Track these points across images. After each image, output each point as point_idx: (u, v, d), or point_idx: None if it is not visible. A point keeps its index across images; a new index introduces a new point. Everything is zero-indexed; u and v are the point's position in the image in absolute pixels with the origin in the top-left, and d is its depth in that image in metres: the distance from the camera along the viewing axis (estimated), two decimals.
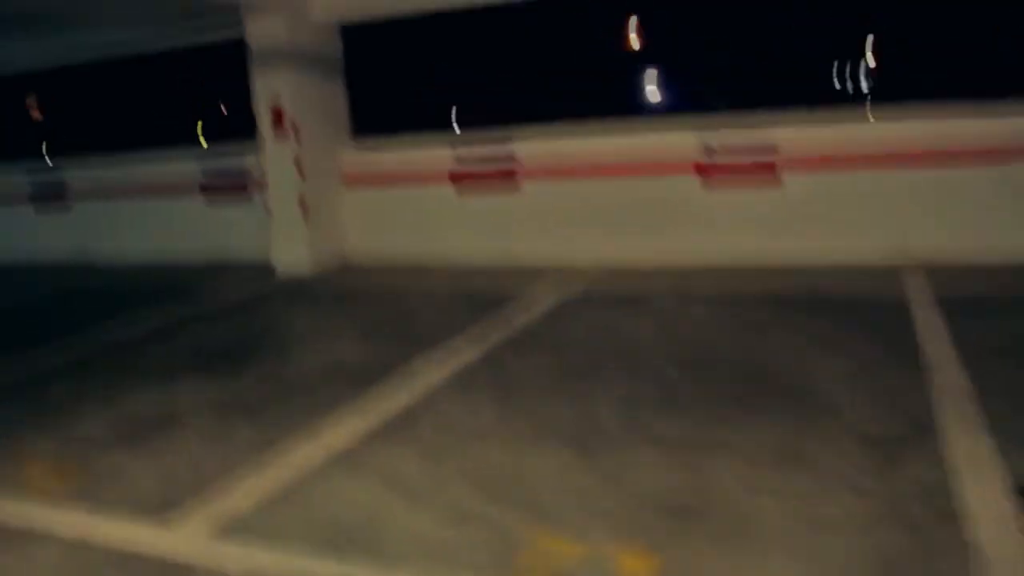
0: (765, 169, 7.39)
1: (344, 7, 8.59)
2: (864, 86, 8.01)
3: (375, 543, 3.08)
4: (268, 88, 8.50)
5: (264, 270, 8.96)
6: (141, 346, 6.41)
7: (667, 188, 7.74)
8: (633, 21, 8.72)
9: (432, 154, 8.73)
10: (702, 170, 7.59)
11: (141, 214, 10.21)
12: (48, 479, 3.94)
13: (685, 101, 8.70)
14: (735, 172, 7.48)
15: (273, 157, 8.63)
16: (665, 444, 3.78)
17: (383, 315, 6.88)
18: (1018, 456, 3.39)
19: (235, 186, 9.57)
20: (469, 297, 7.24)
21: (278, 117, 8.44)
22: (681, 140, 7.68)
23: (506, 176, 8.34)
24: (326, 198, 8.88)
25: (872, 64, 7.99)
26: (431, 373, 5.08)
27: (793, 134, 7.35)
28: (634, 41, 8.73)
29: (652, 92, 9.10)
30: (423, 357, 5.40)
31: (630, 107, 8.85)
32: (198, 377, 5.37)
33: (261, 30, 8.37)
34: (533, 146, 8.27)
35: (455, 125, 9.42)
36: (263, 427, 4.40)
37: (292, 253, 8.72)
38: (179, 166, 9.97)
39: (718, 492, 3.28)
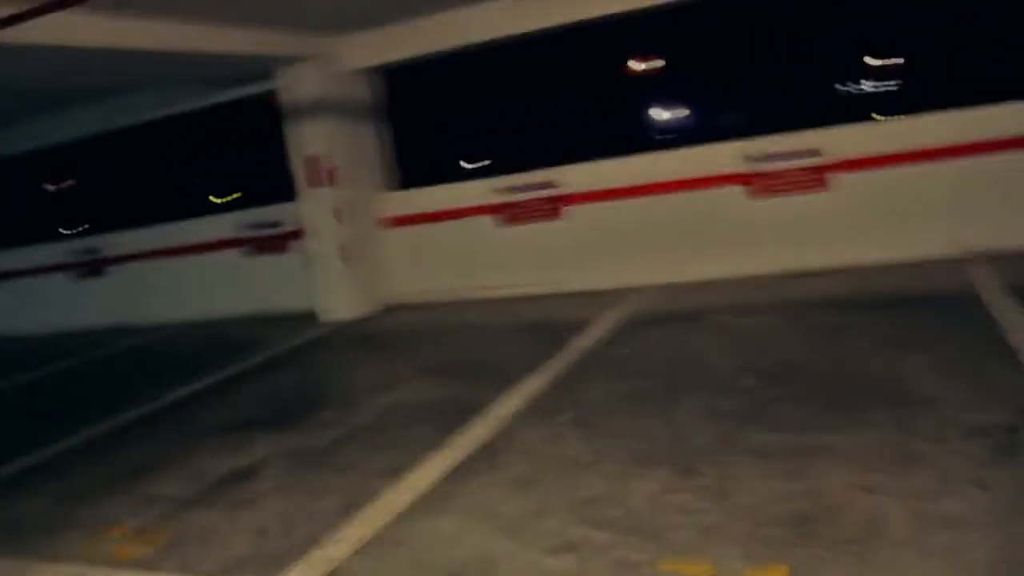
0: (811, 173, 7.31)
1: (370, 53, 8.64)
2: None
3: None
4: (302, 138, 8.55)
5: (309, 319, 8.95)
6: (206, 402, 6.39)
7: (713, 201, 7.67)
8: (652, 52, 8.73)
9: (471, 187, 8.74)
10: (747, 179, 7.52)
11: (181, 273, 10.28)
12: (138, 544, 3.88)
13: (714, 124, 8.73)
14: (781, 179, 7.41)
15: (312, 206, 8.67)
16: (766, 455, 3.69)
17: (443, 353, 6.83)
18: None
19: (272, 237, 9.62)
20: (525, 327, 7.19)
21: (314, 166, 8.48)
22: (723, 152, 7.63)
23: (548, 203, 8.32)
24: (367, 242, 8.90)
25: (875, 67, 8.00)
26: (507, 406, 5.00)
27: (834, 136, 7.27)
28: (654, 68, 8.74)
29: (681, 116, 9.13)
30: (495, 391, 5.31)
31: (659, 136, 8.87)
32: (269, 429, 5.33)
33: (292, 81, 8.45)
34: (573, 170, 8.25)
35: (492, 161, 9.45)
36: (345, 474, 4.33)
37: (337, 299, 8.74)
38: (216, 223, 10.05)
39: (833, 498, 3.18)
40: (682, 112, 9.95)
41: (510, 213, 8.50)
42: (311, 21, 7.81)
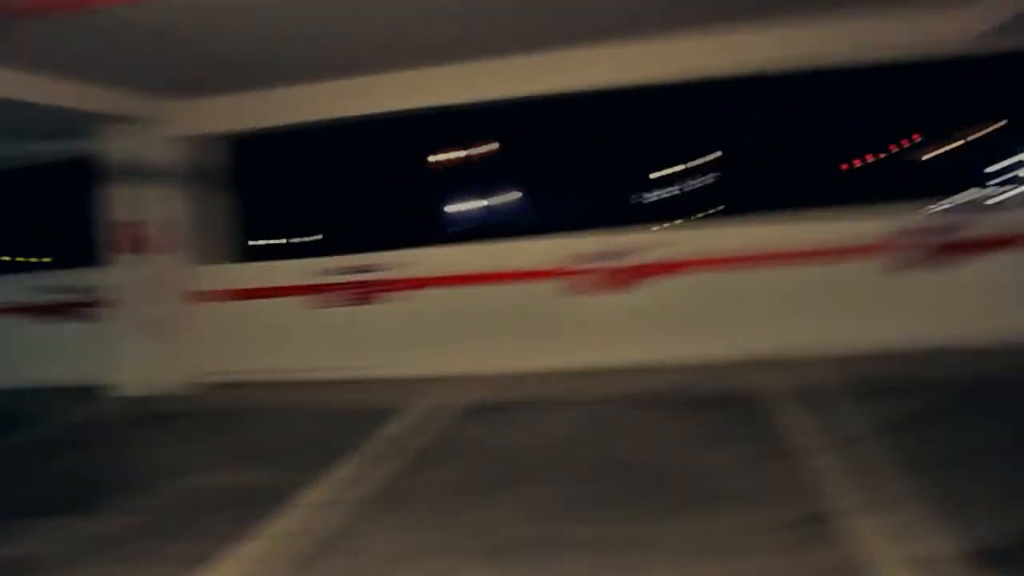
0: (623, 274, 7.72)
1: (200, 122, 8.40)
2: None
3: None
4: (119, 201, 8.16)
5: (101, 392, 8.39)
6: None
7: (527, 295, 7.89)
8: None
9: (292, 267, 8.58)
10: (566, 275, 7.83)
11: None
12: None
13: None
14: (593, 277, 7.77)
15: (126, 273, 8.21)
16: (588, 548, 3.77)
17: (251, 436, 6.54)
18: (923, 530, 3.61)
19: (69, 304, 9.00)
20: (338, 412, 7.03)
21: (129, 231, 8.08)
22: (546, 248, 7.93)
23: (365, 287, 8.29)
24: (179, 316, 8.48)
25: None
26: (316, 494, 4.83)
27: (649, 241, 7.76)
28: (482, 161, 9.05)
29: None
30: (303, 477, 5.11)
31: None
32: (59, 512, 4.86)
33: (117, 142, 8.07)
34: (397, 257, 8.29)
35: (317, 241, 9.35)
36: (140, 565, 4.04)
37: (141, 372, 8.23)
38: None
39: None
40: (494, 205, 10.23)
41: (329, 295, 8.39)
42: (143, 83, 7.51)
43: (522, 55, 7.41)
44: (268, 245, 10.15)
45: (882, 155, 13.76)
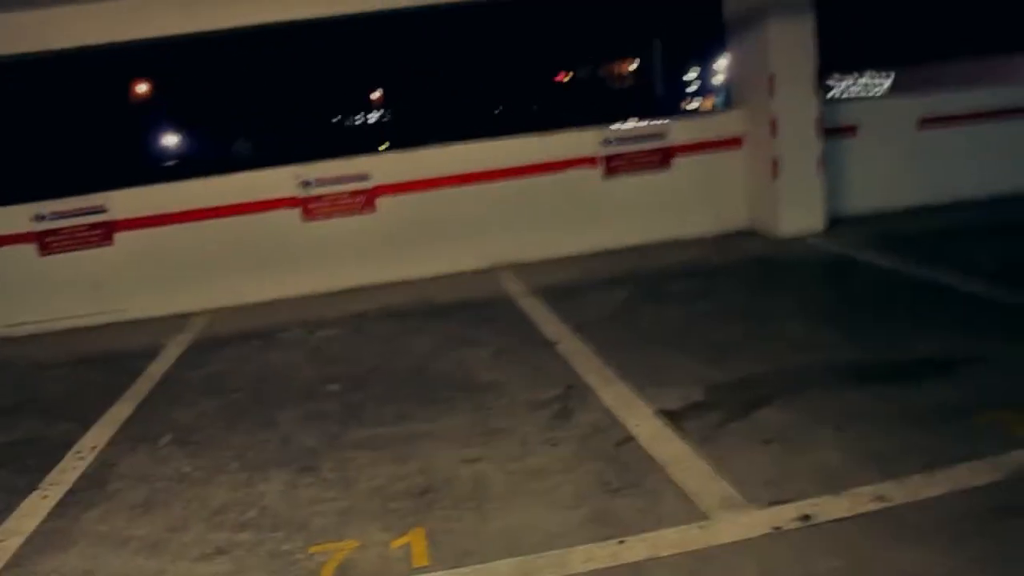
0: (360, 196, 8.01)
1: None
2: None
3: None
4: None
5: None
6: None
7: (269, 224, 7.97)
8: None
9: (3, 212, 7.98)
10: (300, 203, 7.97)
11: None
12: None
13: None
14: (333, 202, 7.99)
15: None
16: (373, 447, 4.16)
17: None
18: (652, 392, 4.35)
19: None
20: (92, 358, 6.76)
21: None
22: (278, 177, 7.99)
23: (96, 228, 7.91)
24: None
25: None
26: (98, 437, 4.82)
27: (382, 162, 8.07)
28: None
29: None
30: (78, 425, 5.05)
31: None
32: None
33: None
34: (123, 195, 7.96)
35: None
36: None
37: None
38: None
39: (442, 472, 3.77)
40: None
41: (52, 241, 7.91)
42: None
43: None
44: None
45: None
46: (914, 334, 4.90)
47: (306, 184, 7.94)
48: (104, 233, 7.96)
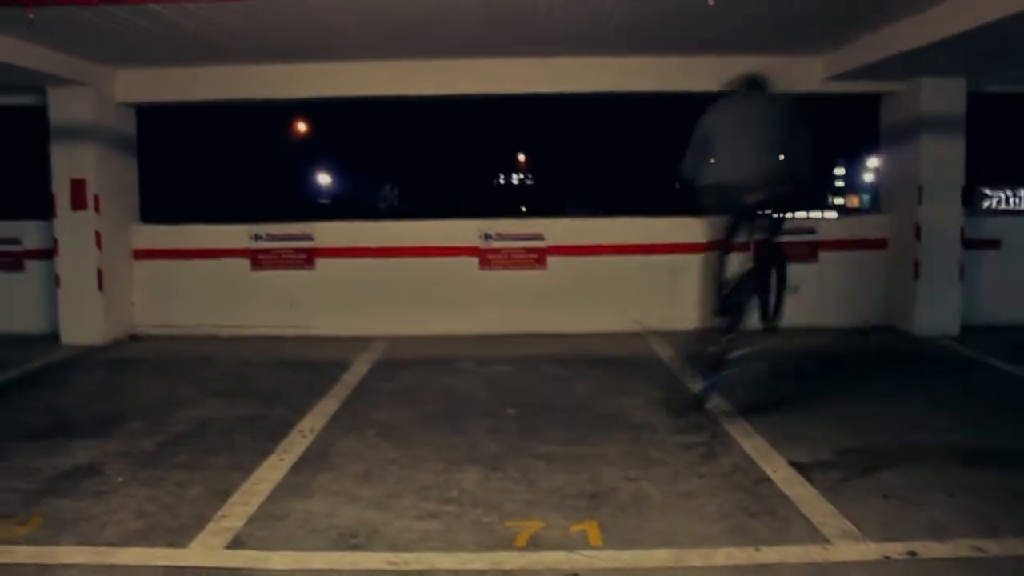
0: (533, 253, 9.07)
1: (144, 90, 9.06)
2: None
3: (376, 540, 3.96)
4: (70, 159, 8.73)
5: (47, 340, 8.95)
6: None
7: (449, 268, 9.11)
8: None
9: (225, 230, 9.39)
10: (480, 253, 9.09)
11: None
12: (11, 527, 4.16)
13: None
14: (509, 256, 9.08)
15: (69, 227, 8.79)
16: (548, 459, 5.05)
17: (217, 379, 7.34)
18: (785, 447, 5.10)
19: (9, 255, 9.48)
20: (289, 362, 7.96)
21: (80, 189, 8.66)
22: (462, 228, 9.16)
23: (301, 253, 9.23)
24: (119, 270, 9.15)
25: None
26: (311, 423, 5.89)
27: (556, 226, 9.14)
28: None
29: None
30: (292, 411, 6.16)
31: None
32: (78, 436, 5.61)
33: (66, 103, 8.61)
34: (330, 228, 9.30)
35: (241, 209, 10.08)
36: (194, 471, 4.94)
37: (84, 323, 8.84)
38: None
39: (608, 483, 4.62)
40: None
41: (264, 258, 9.27)
42: (88, 49, 8.09)
43: (419, 59, 8.72)
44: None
45: None
46: None
47: (487, 237, 9.06)
48: (308, 258, 9.28)
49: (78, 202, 8.72)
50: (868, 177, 46.54)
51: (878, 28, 7.46)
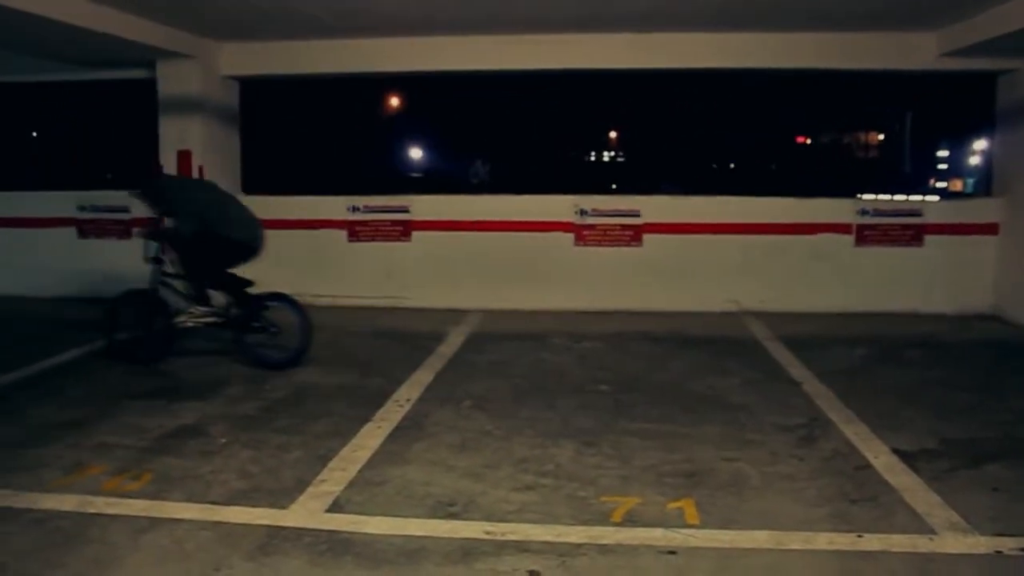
0: (629, 230, 9.00)
1: (248, 63, 9.30)
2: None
3: (473, 509, 4.02)
4: (177, 131, 9.03)
5: None
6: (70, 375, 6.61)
7: (544, 243, 9.11)
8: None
9: (324, 201, 9.58)
10: (575, 229, 9.07)
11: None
12: (126, 480, 4.38)
13: None
14: (605, 232, 9.04)
15: None
16: (643, 436, 5.03)
17: (317, 348, 7.51)
18: (887, 434, 4.97)
19: (119, 223, 9.87)
20: (385, 333, 8.11)
21: (186, 160, 8.96)
22: (558, 203, 9.15)
23: (398, 226, 9.36)
24: None
25: None
26: (407, 393, 5.99)
27: (652, 203, 9.04)
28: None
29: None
30: (388, 381, 6.28)
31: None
32: (181, 399, 5.85)
33: (174, 76, 8.92)
34: (426, 201, 9.41)
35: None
36: (294, 436, 5.08)
37: None
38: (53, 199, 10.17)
39: (706, 463, 4.58)
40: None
41: (361, 230, 9.43)
42: (196, 23, 8.34)
43: (519, 34, 8.72)
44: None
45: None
46: None
47: (583, 213, 9.03)
48: (404, 230, 9.40)
49: (184, 172, 9.01)
50: (973, 160, 44.66)
51: (1000, 1, 7.12)
